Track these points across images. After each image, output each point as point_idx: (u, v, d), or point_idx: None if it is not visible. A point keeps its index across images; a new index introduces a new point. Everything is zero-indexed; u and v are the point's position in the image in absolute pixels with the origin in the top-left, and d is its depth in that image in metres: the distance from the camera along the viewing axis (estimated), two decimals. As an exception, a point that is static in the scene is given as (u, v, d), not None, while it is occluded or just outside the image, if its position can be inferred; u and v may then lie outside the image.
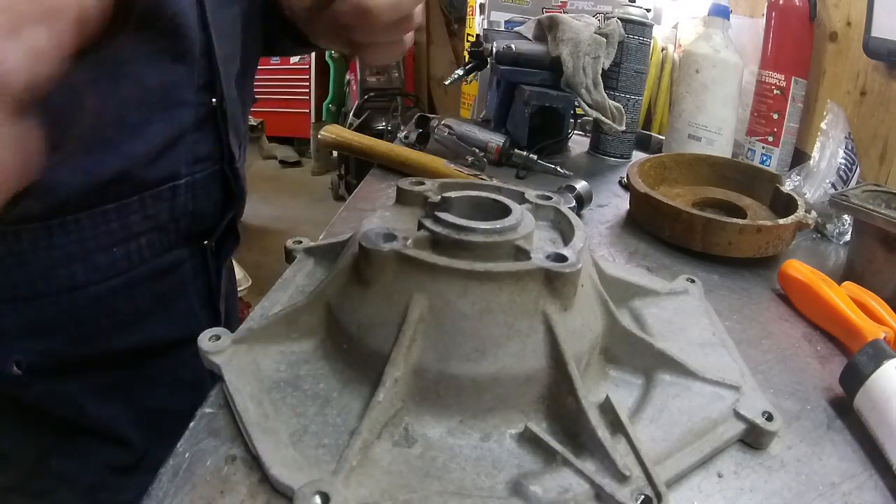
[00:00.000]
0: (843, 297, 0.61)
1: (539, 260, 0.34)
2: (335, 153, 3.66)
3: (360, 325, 0.36)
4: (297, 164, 4.88)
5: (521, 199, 0.42)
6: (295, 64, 4.52)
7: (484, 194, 0.40)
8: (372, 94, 3.94)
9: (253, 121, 4.11)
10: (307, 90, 4.68)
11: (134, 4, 0.42)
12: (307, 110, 4.63)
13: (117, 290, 0.56)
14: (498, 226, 0.35)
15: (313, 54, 4.45)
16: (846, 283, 0.65)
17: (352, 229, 0.61)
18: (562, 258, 0.34)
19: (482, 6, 2.35)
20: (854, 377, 0.47)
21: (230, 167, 0.63)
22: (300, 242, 0.54)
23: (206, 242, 0.65)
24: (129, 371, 0.60)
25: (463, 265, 0.32)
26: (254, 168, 4.31)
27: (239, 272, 2.17)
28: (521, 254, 0.35)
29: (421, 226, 0.36)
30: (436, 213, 0.36)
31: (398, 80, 4.26)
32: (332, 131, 0.95)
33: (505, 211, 0.38)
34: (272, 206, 3.89)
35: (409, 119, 1.10)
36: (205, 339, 0.39)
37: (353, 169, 3.82)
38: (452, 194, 0.39)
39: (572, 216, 0.41)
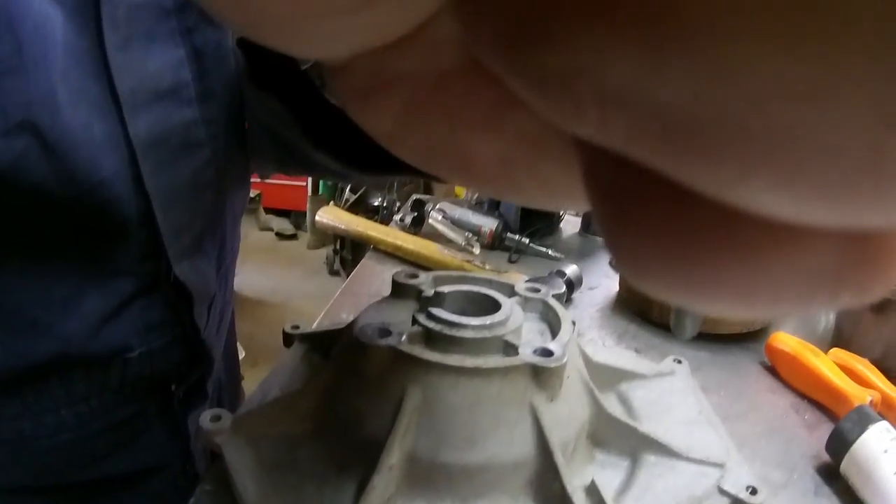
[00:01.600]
0: (829, 365, 0.63)
1: (526, 355, 0.36)
2: (332, 227, 3.70)
3: (357, 413, 0.38)
4: (293, 236, 4.92)
5: (511, 291, 0.45)
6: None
7: (475, 288, 0.43)
8: (368, 169, 3.99)
9: (251, 192, 4.17)
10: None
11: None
12: (304, 183, 4.70)
13: (70, 442, 0.51)
14: (488, 322, 0.37)
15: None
16: (833, 350, 0.68)
17: (348, 314, 0.63)
18: (548, 353, 0.37)
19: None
20: (840, 443, 0.49)
21: (194, 338, 0.56)
22: (298, 328, 0.56)
23: (173, 388, 0.58)
24: (93, 498, 0.56)
25: (454, 361, 0.35)
26: (250, 239, 4.34)
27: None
28: (510, 348, 0.37)
29: (415, 321, 0.38)
30: (429, 308, 0.39)
31: (395, 157, 4.33)
32: (328, 214, 0.98)
33: (495, 305, 0.40)
34: (267, 277, 3.91)
35: (406, 195, 1.14)
36: (206, 420, 0.41)
37: (348, 245, 3.86)
38: (445, 289, 0.42)
39: (560, 309, 0.44)
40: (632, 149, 0.09)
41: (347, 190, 3.89)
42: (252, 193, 4.42)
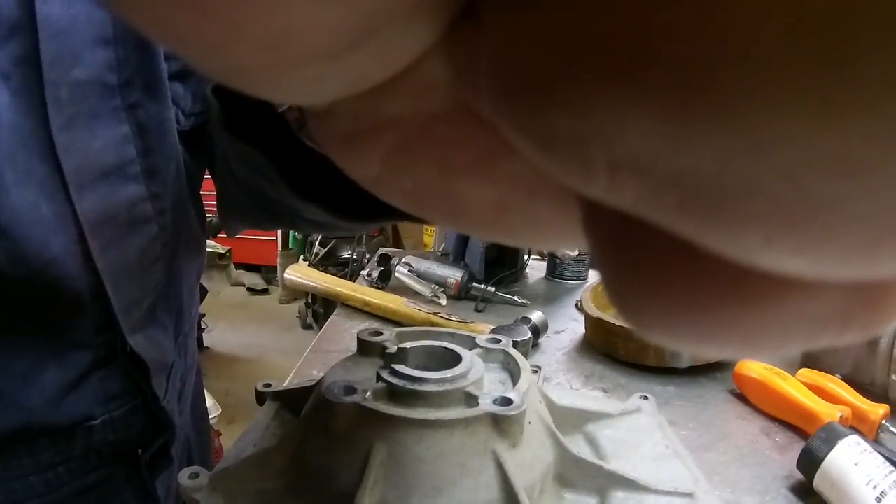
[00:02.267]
0: (797, 387, 0.65)
1: (486, 405, 0.38)
2: (303, 280, 3.70)
3: (328, 469, 0.39)
4: (264, 291, 4.90)
5: (472, 344, 0.47)
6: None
7: (437, 343, 0.45)
8: (337, 222, 4.01)
9: (221, 248, 4.16)
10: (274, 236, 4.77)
11: None
12: (274, 237, 4.70)
13: None
14: (449, 375, 0.39)
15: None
16: (802, 371, 0.70)
17: (319, 371, 0.64)
18: (507, 401, 0.38)
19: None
20: (810, 461, 0.51)
21: (155, 406, 0.57)
22: (269, 386, 0.57)
23: (139, 452, 0.58)
24: None
25: (417, 415, 0.37)
26: (222, 295, 4.32)
27: (209, 400, 2.17)
28: (471, 399, 0.39)
29: (379, 377, 0.40)
30: (392, 364, 0.40)
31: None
32: (297, 272, 1.00)
33: (456, 358, 0.42)
34: (240, 333, 3.88)
35: (374, 248, 1.16)
36: (184, 476, 0.42)
37: (319, 299, 3.86)
38: (408, 344, 0.44)
39: (519, 358, 0.46)
40: (644, 211, 0.09)
41: (317, 244, 3.90)
42: (222, 249, 4.41)
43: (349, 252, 3.78)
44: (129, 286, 0.50)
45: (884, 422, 0.62)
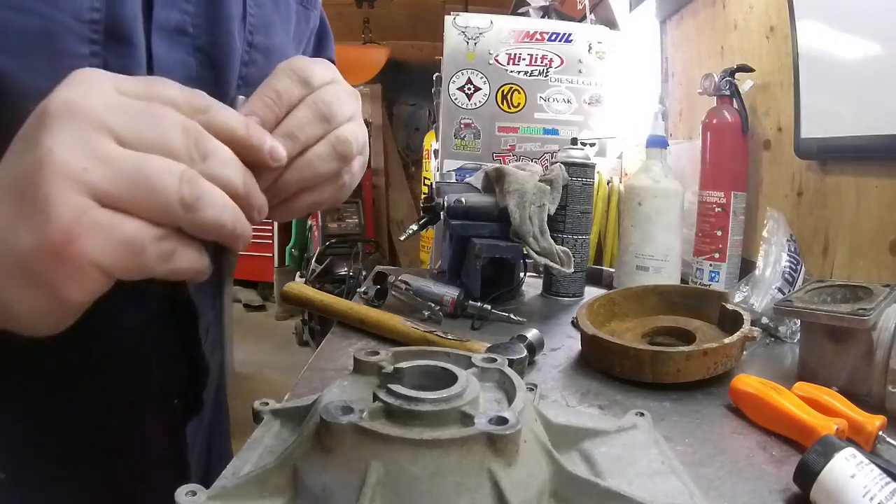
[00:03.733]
0: (792, 400, 0.65)
1: (482, 424, 0.38)
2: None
3: (325, 487, 0.39)
4: (261, 307, 4.90)
5: (468, 363, 0.47)
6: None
7: (433, 363, 0.45)
8: (333, 240, 4.04)
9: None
10: (270, 235, 4.78)
11: None
12: (271, 254, 4.71)
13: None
14: (444, 394, 0.40)
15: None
16: (798, 384, 0.70)
17: (314, 390, 0.64)
18: (503, 421, 0.39)
19: (437, 151, 2.48)
20: (806, 474, 0.51)
21: (196, 351, 0.69)
22: (266, 404, 0.57)
23: (176, 398, 0.69)
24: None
25: (413, 434, 0.37)
26: (219, 315, 4.31)
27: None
28: (467, 419, 0.39)
29: (376, 397, 0.40)
30: (389, 384, 0.41)
31: (358, 227, 4.37)
32: (294, 289, 1.00)
33: (452, 378, 0.43)
34: (237, 350, 3.85)
35: (371, 265, 1.16)
36: (181, 494, 0.42)
37: (316, 315, 3.86)
38: (404, 364, 0.44)
39: (514, 376, 0.46)
40: None
41: (313, 261, 3.91)
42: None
43: (345, 269, 3.78)
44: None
45: (880, 433, 0.62)
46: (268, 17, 0.65)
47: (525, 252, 1.18)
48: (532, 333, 0.86)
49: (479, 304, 1.06)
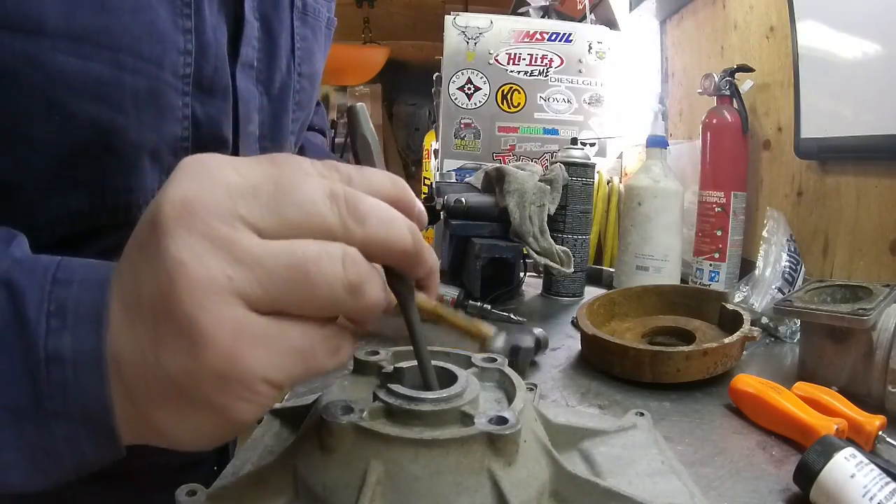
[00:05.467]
0: (792, 400, 0.65)
1: (482, 424, 0.38)
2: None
3: (325, 486, 0.39)
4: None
5: (468, 363, 0.47)
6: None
7: (433, 362, 0.45)
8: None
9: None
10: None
11: None
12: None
13: None
14: (444, 394, 0.40)
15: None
16: (798, 384, 0.70)
17: (314, 390, 0.65)
18: (503, 420, 0.39)
19: (437, 151, 2.48)
20: (806, 475, 0.51)
21: None
22: (267, 405, 0.57)
23: None
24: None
25: (413, 434, 0.37)
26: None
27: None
28: (467, 418, 0.39)
29: (375, 397, 0.40)
30: (389, 383, 0.41)
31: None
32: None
33: (452, 378, 0.43)
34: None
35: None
36: (182, 494, 0.42)
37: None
38: (404, 364, 0.44)
39: (514, 376, 0.46)
40: None
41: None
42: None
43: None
44: None
45: (880, 433, 0.62)
46: (310, 48, 0.72)
47: (525, 252, 1.18)
48: (538, 331, 0.86)
49: (479, 303, 1.06)
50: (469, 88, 2.13)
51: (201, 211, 0.31)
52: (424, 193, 1.87)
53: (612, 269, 1.47)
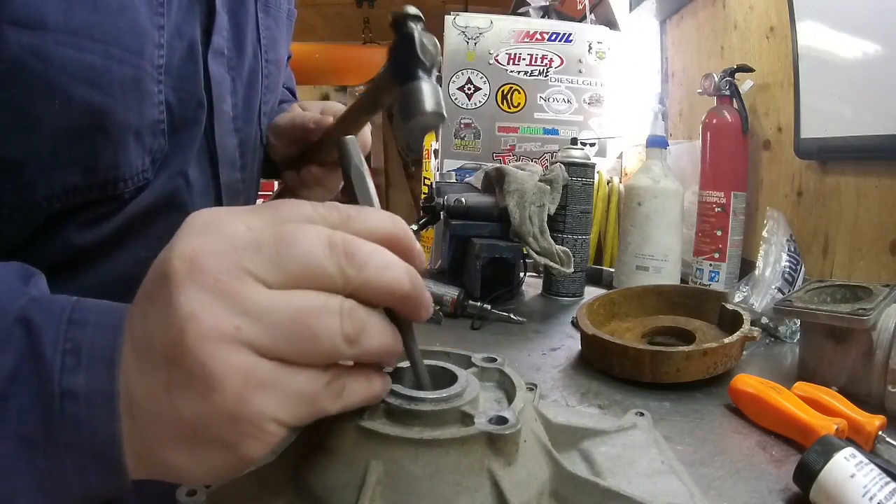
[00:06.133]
0: (792, 400, 0.65)
1: (482, 424, 0.38)
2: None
3: (325, 486, 0.39)
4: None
5: (468, 363, 0.47)
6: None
7: (433, 362, 0.45)
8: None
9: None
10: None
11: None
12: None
13: None
14: (444, 394, 0.40)
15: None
16: (798, 384, 0.70)
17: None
18: (502, 420, 0.39)
19: (437, 151, 2.48)
20: (806, 474, 0.51)
21: None
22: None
23: None
24: None
25: (413, 434, 0.37)
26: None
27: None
28: (467, 418, 0.39)
29: (376, 397, 0.40)
30: (389, 384, 0.41)
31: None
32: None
33: (452, 378, 0.43)
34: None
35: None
36: (182, 494, 0.42)
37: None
38: (404, 364, 0.44)
39: (514, 376, 0.46)
40: None
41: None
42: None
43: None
44: None
45: (880, 433, 0.62)
46: (274, 36, 0.82)
47: (525, 252, 1.18)
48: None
49: (479, 303, 1.06)
50: (469, 88, 2.13)
51: (209, 266, 0.33)
52: (424, 193, 1.87)
53: (612, 269, 1.47)
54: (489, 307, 1.06)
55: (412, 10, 0.64)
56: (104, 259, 0.62)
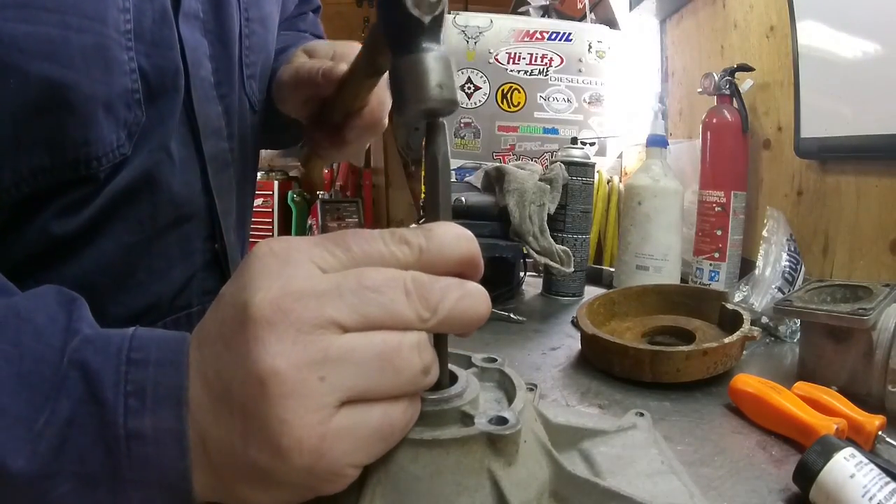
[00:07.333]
0: (792, 400, 0.65)
1: (482, 424, 0.38)
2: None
3: (325, 487, 0.39)
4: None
5: (468, 363, 0.47)
6: (258, 207, 4.68)
7: (433, 362, 0.45)
8: (334, 238, 4.05)
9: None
10: (270, 232, 4.79)
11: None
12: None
13: None
14: (445, 395, 0.40)
15: (276, 200, 4.64)
16: (798, 384, 0.70)
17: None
18: (503, 420, 0.39)
19: (436, 151, 2.47)
20: (806, 475, 0.51)
21: None
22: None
23: None
24: None
25: (413, 434, 0.37)
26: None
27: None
28: (467, 418, 0.39)
29: (376, 397, 0.40)
30: (389, 384, 0.41)
31: (358, 226, 4.39)
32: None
33: (452, 378, 0.43)
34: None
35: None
36: None
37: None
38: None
39: (515, 376, 0.46)
40: None
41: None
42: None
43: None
44: (226, 199, 0.72)
45: (880, 433, 0.62)
46: None
47: (525, 251, 1.18)
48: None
49: (479, 303, 1.06)
50: (469, 88, 2.13)
51: (292, 316, 0.33)
52: (424, 193, 1.87)
53: (612, 269, 1.47)
54: (489, 307, 1.05)
55: None
56: (87, 247, 0.60)
